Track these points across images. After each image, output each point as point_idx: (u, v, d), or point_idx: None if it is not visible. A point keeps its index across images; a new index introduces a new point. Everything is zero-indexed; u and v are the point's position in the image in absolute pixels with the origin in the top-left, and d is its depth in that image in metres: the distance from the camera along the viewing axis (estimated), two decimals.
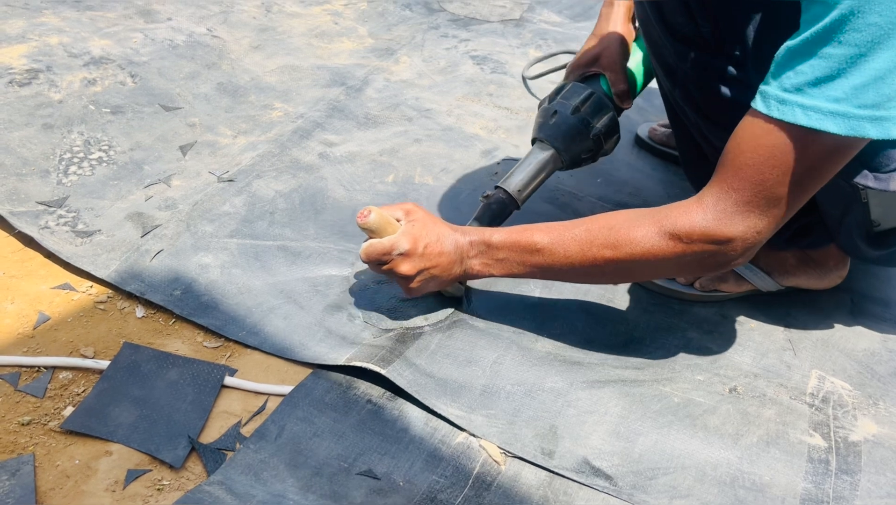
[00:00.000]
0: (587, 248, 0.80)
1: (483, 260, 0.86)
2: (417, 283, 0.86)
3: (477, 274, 0.87)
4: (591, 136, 1.02)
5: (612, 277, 0.86)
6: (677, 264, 0.78)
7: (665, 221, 0.77)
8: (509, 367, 0.86)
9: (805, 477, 0.78)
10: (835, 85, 0.65)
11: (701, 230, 0.75)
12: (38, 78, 1.26)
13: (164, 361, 0.84)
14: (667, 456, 0.79)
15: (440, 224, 0.87)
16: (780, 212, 0.73)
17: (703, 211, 0.75)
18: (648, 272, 0.83)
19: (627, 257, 0.78)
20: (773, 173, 0.71)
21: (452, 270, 0.86)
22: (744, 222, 0.74)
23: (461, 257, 0.86)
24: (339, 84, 1.42)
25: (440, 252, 0.85)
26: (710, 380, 0.88)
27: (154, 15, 1.55)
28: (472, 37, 1.68)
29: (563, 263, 0.82)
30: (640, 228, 0.78)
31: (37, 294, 0.91)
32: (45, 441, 0.75)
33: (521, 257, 0.84)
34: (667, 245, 0.77)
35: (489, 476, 0.76)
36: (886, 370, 0.92)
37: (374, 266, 0.86)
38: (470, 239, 0.86)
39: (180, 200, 1.07)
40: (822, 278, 1.00)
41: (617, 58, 1.05)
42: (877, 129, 0.66)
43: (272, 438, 0.77)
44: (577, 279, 0.87)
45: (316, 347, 0.87)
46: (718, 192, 0.74)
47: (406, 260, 0.84)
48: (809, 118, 0.67)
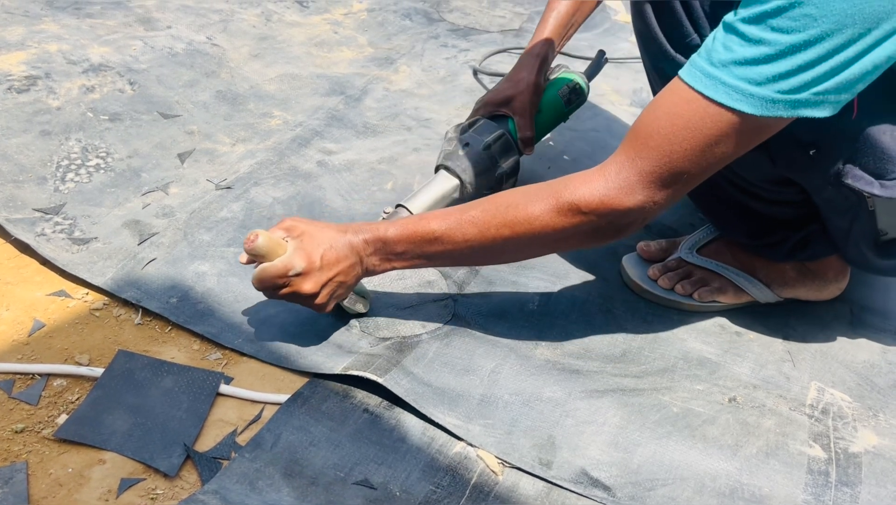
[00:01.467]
0: (485, 229, 0.79)
1: (381, 256, 0.83)
2: (325, 296, 0.82)
3: (378, 270, 0.84)
4: (496, 174, 1.06)
5: (515, 254, 0.86)
6: (574, 234, 0.78)
7: (563, 193, 0.76)
8: (507, 375, 0.86)
9: (805, 489, 0.77)
10: (760, 69, 0.67)
11: (599, 200, 0.74)
12: (36, 85, 1.26)
13: (159, 368, 0.83)
14: (665, 467, 0.78)
15: (328, 229, 0.83)
16: (681, 186, 0.74)
17: (605, 180, 0.75)
18: (546, 246, 0.83)
19: (526, 234, 0.78)
20: (682, 146, 0.71)
21: (353, 271, 0.83)
22: (643, 192, 0.74)
23: (359, 257, 0.83)
24: (339, 93, 1.42)
25: (337, 258, 0.81)
26: (709, 390, 0.88)
27: (154, 23, 1.56)
28: (472, 46, 1.69)
29: (463, 248, 0.81)
30: (538, 204, 0.77)
31: (32, 301, 0.91)
32: (38, 449, 0.74)
33: (420, 248, 0.82)
34: (564, 217, 0.76)
35: (486, 486, 0.75)
36: (886, 382, 0.92)
37: (269, 293, 0.82)
38: (363, 237, 0.82)
39: (178, 208, 1.07)
40: (822, 290, 1.00)
41: (528, 105, 1.08)
42: (789, 110, 0.68)
43: (268, 446, 0.76)
44: (481, 261, 0.89)
45: (313, 355, 0.86)
46: (623, 160, 0.74)
47: (306, 279, 0.80)
48: (730, 96, 0.68)
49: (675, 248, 1.04)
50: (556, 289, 1.00)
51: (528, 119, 1.09)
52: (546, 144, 1.35)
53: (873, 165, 0.79)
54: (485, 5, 1.91)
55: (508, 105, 1.09)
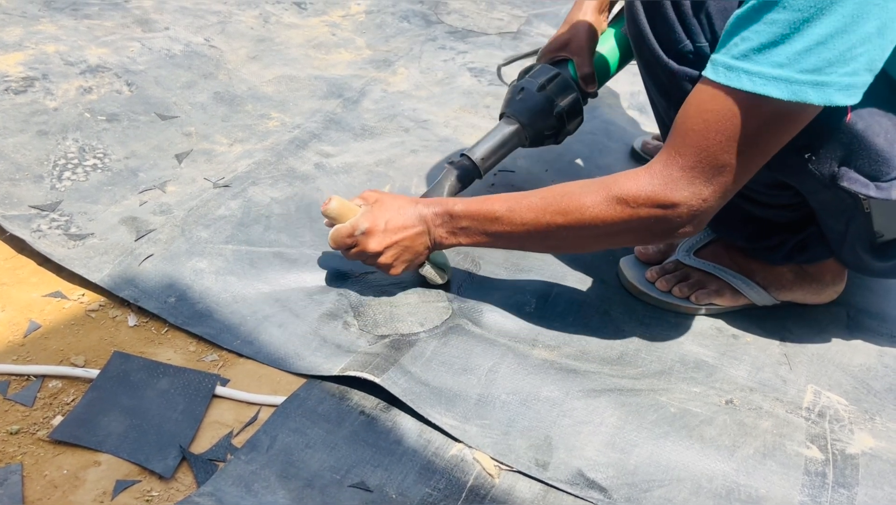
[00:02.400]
0: (541, 214, 0.83)
1: (448, 228, 0.89)
2: (390, 258, 0.89)
3: (446, 242, 0.89)
4: (554, 113, 1.07)
5: (569, 243, 0.87)
6: (626, 229, 0.80)
7: (614, 187, 0.79)
8: (505, 375, 0.86)
9: (801, 490, 0.77)
10: (778, 50, 0.68)
11: (647, 194, 0.77)
12: (33, 86, 1.26)
13: (155, 370, 0.83)
14: (662, 468, 0.78)
15: (399, 199, 0.90)
16: (725, 179, 0.75)
17: (651, 176, 0.77)
18: (601, 238, 0.84)
19: (577, 223, 0.81)
20: (717, 139, 0.73)
21: (421, 240, 0.89)
22: (689, 188, 0.76)
23: (427, 228, 0.89)
24: (337, 96, 1.42)
25: (403, 225, 0.88)
26: (706, 392, 0.88)
27: (151, 24, 1.56)
28: (470, 49, 1.69)
29: (520, 231, 0.85)
30: (590, 195, 0.80)
31: (28, 302, 0.91)
32: (33, 451, 0.74)
33: (482, 226, 0.87)
34: (614, 210, 0.79)
35: (483, 489, 0.75)
36: (882, 385, 0.92)
37: (344, 252, 0.91)
38: (433, 210, 0.89)
39: (175, 206, 1.06)
40: (819, 293, 1.00)
41: (585, 44, 1.09)
42: (818, 94, 0.68)
43: (264, 449, 0.76)
44: (537, 247, 0.91)
45: (311, 356, 0.86)
46: (666, 159, 0.77)
47: (370, 238, 0.88)
48: (754, 83, 0.69)
49: (672, 251, 1.04)
50: (554, 291, 1.00)
51: (585, 57, 1.09)
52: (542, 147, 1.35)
53: (868, 167, 0.79)
54: (483, 8, 1.92)
55: (566, 48, 1.11)
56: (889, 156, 0.78)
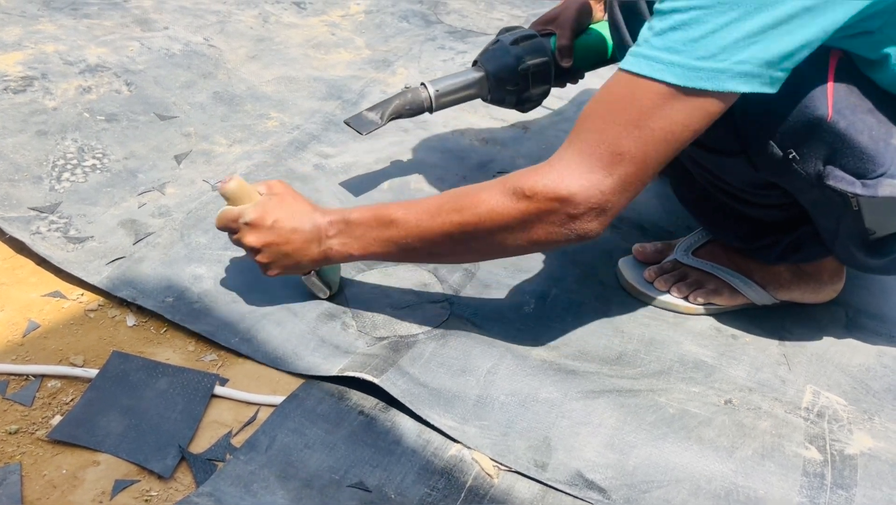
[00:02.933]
0: (437, 214, 0.78)
1: (342, 239, 0.83)
2: (267, 258, 0.84)
3: (336, 256, 0.84)
4: (519, 69, 1.07)
5: (464, 245, 0.80)
6: (523, 226, 0.75)
7: (509, 180, 0.76)
8: (503, 376, 0.86)
9: (800, 491, 0.77)
10: (675, 36, 0.68)
11: (542, 185, 0.73)
12: (32, 85, 1.26)
13: (154, 370, 0.83)
14: (661, 469, 0.78)
15: (300, 202, 0.85)
16: (626, 170, 0.72)
17: (549, 166, 0.74)
18: (498, 238, 0.78)
19: (473, 219, 0.76)
20: (617, 125, 0.71)
21: (308, 249, 0.84)
22: (586, 176, 0.72)
23: (318, 237, 0.84)
24: (336, 97, 1.42)
25: (293, 229, 0.83)
26: (705, 392, 0.88)
27: (151, 24, 1.56)
28: (470, 49, 1.69)
29: (416, 235, 0.79)
30: (486, 190, 0.77)
31: (27, 302, 0.91)
32: (32, 450, 0.74)
33: (376, 232, 0.81)
34: (510, 203, 0.74)
35: (482, 490, 0.75)
36: (881, 386, 0.92)
37: (230, 236, 0.87)
38: (329, 219, 0.84)
39: (174, 208, 1.06)
40: (818, 292, 1.00)
41: (570, 20, 1.10)
42: (712, 82, 0.68)
43: (263, 449, 0.76)
44: (431, 252, 0.83)
45: (309, 357, 0.86)
46: (565, 147, 0.75)
47: (252, 231, 0.83)
48: (652, 68, 0.69)
49: (670, 251, 1.04)
50: (553, 291, 1.00)
51: (567, 30, 1.09)
52: (541, 147, 1.35)
53: (853, 165, 0.79)
54: (482, 8, 1.92)
55: (553, 22, 1.11)
56: (874, 153, 0.78)
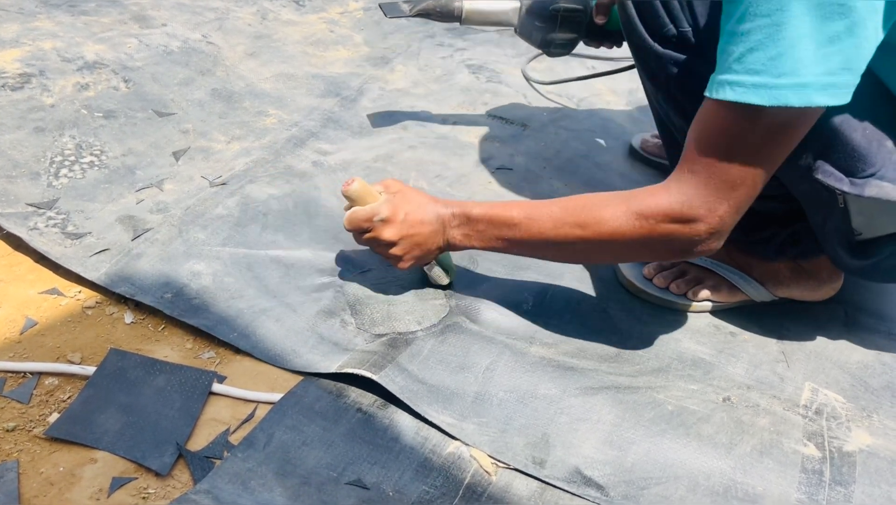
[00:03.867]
0: (559, 225, 0.83)
1: (464, 231, 0.89)
2: (401, 250, 0.89)
3: (458, 245, 0.90)
4: (550, 8, 1.12)
5: (585, 255, 0.89)
6: (644, 245, 0.81)
7: (633, 202, 0.80)
8: (502, 373, 0.86)
9: (798, 488, 0.77)
10: (753, 58, 0.69)
11: (664, 210, 0.78)
12: (30, 82, 1.25)
13: (152, 367, 0.83)
14: (659, 465, 0.78)
15: (421, 195, 0.91)
16: (738, 195, 0.76)
17: (668, 193, 0.78)
18: (618, 252, 0.85)
19: (596, 236, 0.81)
20: (721, 153, 0.74)
21: (435, 239, 0.89)
22: (704, 204, 0.77)
23: (443, 227, 0.89)
24: (334, 94, 1.42)
25: (421, 220, 0.88)
26: (703, 389, 0.88)
27: (149, 21, 1.55)
28: (468, 46, 1.69)
29: (536, 238, 0.85)
30: (610, 208, 0.81)
31: (24, 299, 0.90)
32: (29, 448, 0.74)
33: (498, 231, 0.87)
34: (633, 224, 0.79)
35: (480, 486, 0.75)
36: (880, 383, 0.92)
37: (357, 235, 0.90)
38: (451, 211, 0.89)
39: (172, 204, 1.06)
40: (816, 290, 1.00)
41: None
42: (797, 96, 0.69)
43: (260, 446, 0.76)
44: (551, 255, 0.89)
45: (308, 353, 0.86)
46: (679, 175, 0.78)
47: (387, 226, 0.88)
48: (736, 93, 0.71)
49: None
50: (552, 288, 1.00)
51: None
52: (540, 145, 1.35)
53: (844, 162, 0.79)
54: None
55: None
56: (866, 153, 0.79)
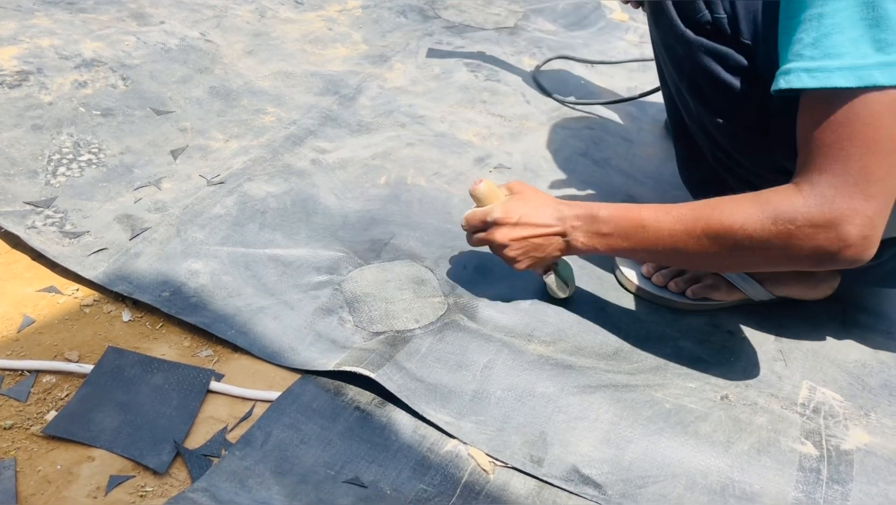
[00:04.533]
0: (691, 230, 0.78)
1: (588, 231, 0.85)
2: (515, 252, 0.88)
3: (580, 247, 0.87)
4: None
5: (715, 260, 0.81)
6: (783, 252, 0.74)
7: (768, 207, 0.74)
8: (500, 371, 0.86)
9: (796, 486, 0.77)
10: (833, 40, 0.66)
11: (804, 215, 0.71)
12: (28, 80, 1.25)
13: (149, 365, 0.83)
14: (657, 464, 0.78)
15: (541, 196, 0.89)
16: (884, 188, 0.70)
17: (803, 196, 0.72)
18: (755, 260, 0.78)
19: (730, 242, 0.76)
20: (848, 146, 0.69)
21: (553, 240, 0.87)
22: (845, 202, 0.70)
23: (564, 229, 0.87)
24: (333, 93, 1.42)
25: (536, 223, 0.87)
26: (701, 387, 0.88)
27: (147, 18, 1.55)
28: (467, 44, 1.68)
29: (666, 244, 0.80)
30: (743, 212, 0.75)
31: (22, 297, 0.90)
32: (27, 446, 0.74)
33: (625, 232, 0.83)
34: (773, 230, 0.73)
35: (477, 485, 0.75)
36: (877, 382, 0.92)
37: (470, 236, 0.92)
38: (575, 212, 0.86)
39: (170, 203, 1.06)
40: (814, 288, 1.00)
41: None
42: (885, 75, 0.66)
43: (258, 444, 0.76)
44: (680, 260, 0.85)
45: (306, 351, 0.86)
46: (810, 177, 0.72)
47: (498, 228, 0.87)
48: (855, 77, 0.67)
49: None
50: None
51: None
52: (538, 143, 1.35)
53: None
54: (480, 3, 1.91)
55: None
56: None
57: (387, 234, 1.05)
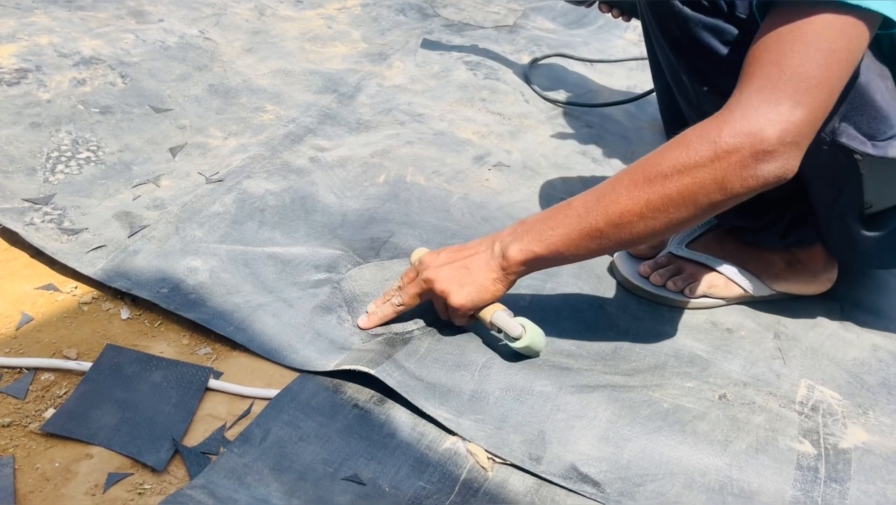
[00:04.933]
0: (616, 186, 0.75)
1: (516, 233, 0.80)
2: (445, 281, 0.82)
3: (516, 255, 0.80)
4: None
5: (655, 211, 0.75)
6: (715, 174, 0.71)
7: (691, 132, 0.73)
8: (498, 370, 0.86)
9: (794, 485, 0.77)
10: None
11: (730, 128, 0.70)
12: (27, 77, 1.25)
13: (148, 363, 0.83)
14: (655, 462, 0.78)
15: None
16: (815, 98, 0.70)
17: (730, 112, 0.72)
18: (689, 195, 0.73)
19: (659, 178, 0.73)
20: (793, 53, 0.69)
21: (481, 257, 0.82)
22: (773, 111, 0.69)
23: (491, 243, 0.82)
24: (332, 91, 1.42)
25: (461, 247, 0.84)
26: (699, 387, 0.88)
27: (146, 16, 1.55)
28: (466, 42, 1.68)
29: (599, 211, 0.75)
30: (667, 149, 0.74)
31: (20, 294, 0.90)
32: (25, 443, 0.74)
33: (556, 219, 0.78)
34: (698, 152, 0.71)
35: (476, 483, 0.75)
36: (875, 380, 0.92)
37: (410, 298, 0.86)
38: (505, 231, 0.83)
39: (169, 201, 1.06)
40: (812, 282, 1.00)
41: None
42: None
43: (257, 441, 0.76)
44: (619, 232, 0.76)
45: (304, 350, 0.86)
46: (740, 90, 0.72)
47: (424, 269, 0.84)
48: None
49: (664, 247, 1.04)
50: (548, 286, 1.00)
51: None
52: (537, 141, 1.35)
53: (866, 126, 0.80)
54: (479, 1, 1.91)
55: None
56: (886, 114, 0.79)
57: (386, 233, 1.05)
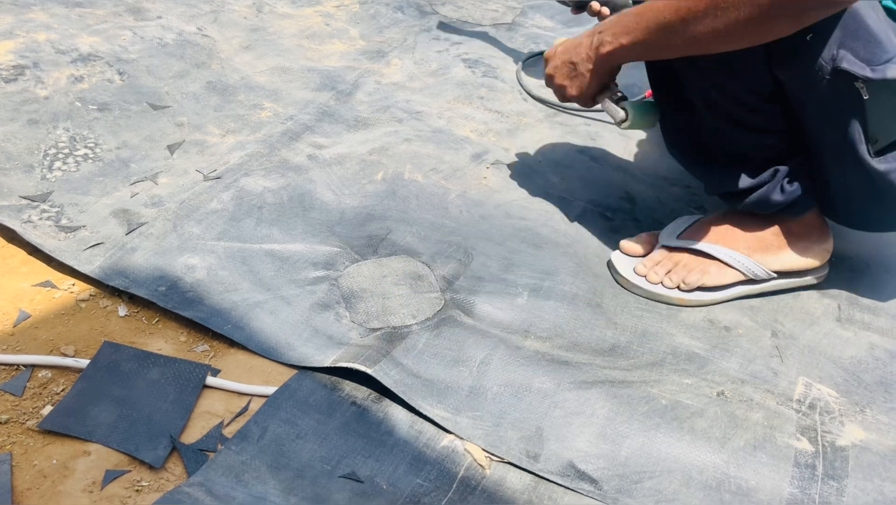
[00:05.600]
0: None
1: (611, 30, 0.91)
2: (557, 74, 0.99)
3: (609, 47, 0.91)
4: None
5: (728, 10, 0.79)
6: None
7: None
8: (497, 367, 0.86)
9: (791, 482, 0.77)
10: None
11: None
12: (24, 74, 1.25)
13: (146, 360, 0.83)
14: (653, 459, 0.78)
15: None
16: None
17: None
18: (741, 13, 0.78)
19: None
20: None
21: (580, 48, 0.95)
22: None
23: (591, 34, 0.94)
24: (330, 88, 1.42)
25: (566, 43, 0.99)
26: (697, 383, 0.88)
27: (144, 13, 1.54)
28: (465, 40, 1.68)
29: (682, 5, 0.81)
30: None
31: (17, 291, 0.90)
32: (22, 440, 0.74)
33: (637, 16, 0.87)
34: None
35: (474, 480, 0.75)
36: (873, 378, 0.92)
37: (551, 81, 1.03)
38: (604, 22, 0.94)
39: (167, 198, 1.06)
40: (806, 252, 1.00)
41: None
42: None
43: (254, 439, 0.76)
44: (686, 26, 0.83)
45: (302, 347, 0.86)
46: None
47: (546, 64, 1.02)
48: None
49: (657, 241, 1.05)
50: (546, 284, 1.00)
51: None
52: (535, 139, 1.35)
53: (863, 51, 0.81)
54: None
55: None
56: (880, 39, 0.81)
57: (383, 230, 1.05)
